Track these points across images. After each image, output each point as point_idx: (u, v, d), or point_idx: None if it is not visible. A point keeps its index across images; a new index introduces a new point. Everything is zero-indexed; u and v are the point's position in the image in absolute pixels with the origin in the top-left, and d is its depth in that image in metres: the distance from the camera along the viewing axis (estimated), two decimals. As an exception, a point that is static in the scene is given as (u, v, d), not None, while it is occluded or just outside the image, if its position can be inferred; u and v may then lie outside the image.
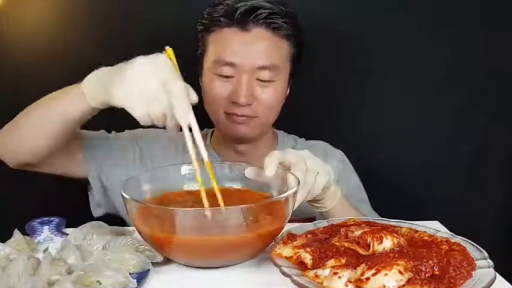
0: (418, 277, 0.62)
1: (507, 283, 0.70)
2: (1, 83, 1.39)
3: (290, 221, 0.79)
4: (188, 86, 0.78)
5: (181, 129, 0.79)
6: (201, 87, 1.10)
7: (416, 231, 0.76)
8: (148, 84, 0.76)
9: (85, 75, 0.91)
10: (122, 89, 0.78)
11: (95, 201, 1.13)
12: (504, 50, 1.40)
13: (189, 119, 0.77)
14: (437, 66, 1.41)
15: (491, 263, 0.67)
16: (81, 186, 1.14)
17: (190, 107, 0.78)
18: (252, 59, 1.03)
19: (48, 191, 1.40)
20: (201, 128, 1.22)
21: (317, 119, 1.42)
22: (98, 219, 1.12)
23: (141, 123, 0.79)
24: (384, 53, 1.40)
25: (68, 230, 0.89)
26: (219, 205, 0.77)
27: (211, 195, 0.78)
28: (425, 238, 0.74)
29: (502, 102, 1.43)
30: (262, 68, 1.04)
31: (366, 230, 0.72)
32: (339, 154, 1.22)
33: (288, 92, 1.14)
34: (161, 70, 0.77)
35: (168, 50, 0.80)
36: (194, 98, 0.78)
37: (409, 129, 1.44)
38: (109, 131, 1.17)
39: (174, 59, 0.80)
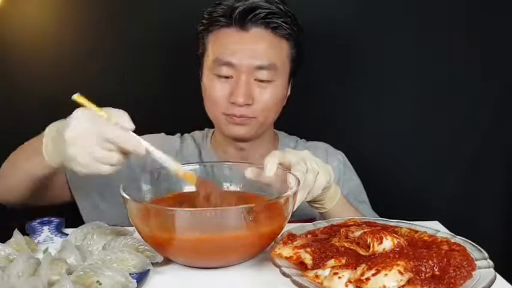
0: (418, 277, 0.62)
1: (507, 283, 0.70)
2: (1, 83, 1.39)
3: (290, 222, 0.79)
4: (119, 114, 0.76)
5: None
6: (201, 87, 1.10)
7: (416, 232, 0.76)
8: (90, 146, 0.74)
9: (85, 76, 0.91)
10: (69, 155, 0.76)
11: (85, 219, 1.10)
12: (504, 50, 1.40)
13: (144, 145, 0.76)
14: (437, 67, 1.41)
15: (491, 263, 0.67)
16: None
17: (135, 136, 0.76)
18: (250, 59, 1.03)
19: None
20: (202, 128, 1.23)
21: (316, 120, 1.42)
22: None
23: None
24: (384, 53, 1.40)
25: (68, 230, 0.89)
26: (218, 205, 0.77)
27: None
28: (425, 238, 0.74)
29: (501, 102, 1.42)
30: (261, 67, 1.03)
31: (366, 230, 0.72)
32: (339, 155, 1.22)
33: (288, 92, 1.14)
34: (92, 126, 0.74)
35: (76, 96, 0.76)
36: (130, 126, 0.76)
37: (409, 129, 1.44)
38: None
39: (85, 101, 0.76)
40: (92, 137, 0.74)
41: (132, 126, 0.76)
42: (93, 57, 1.38)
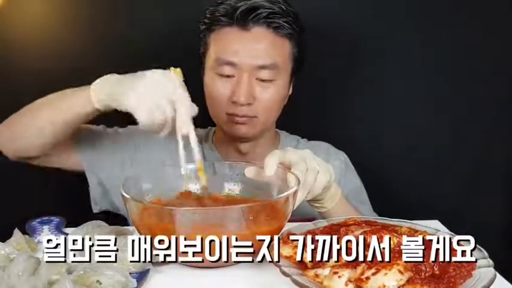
0: (418, 276, 0.62)
1: (507, 282, 0.71)
2: (1, 83, 1.39)
3: (290, 221, 0.79)
4: (190, 100, 0.86)
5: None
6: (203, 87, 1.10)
7: (417, 231, 0.76)
8: (156, 93, 0.84)
9: (85, 76, 0.92)
10: (131, 96, 0.85)
11: (91, 196, 1.13)
12: (505, 51, 1.39)
13: (187, 130, 0.85)
14: (438, 67, 1.41)
15: (491, 262, 0.67)
16: (82, 185, 1.13)
17: (191, 119, 0.86)
18: (251, 58, 1.03)
19: (48, 190, 1.40)
20: (205, 126, 1.24)
21: (317, 120, 1.42)
22: (100, 215, 1.12)
23: (142, 128, 0.85)
24: (385, 54, 1.41)
25: (68, 230, 0.89)
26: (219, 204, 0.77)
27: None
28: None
29: (502, 103, 1.42)
30: (262, 67, 1.04)
31: (366, 229, 0.72)
32: (341, 155, 1.22)
33: (290, 91, 1.13)
34: (168, 82, 0.85)
35: (176, 69, 0.88)
36: (195, 110, 0.86)
37: (409, 129, 1.44)
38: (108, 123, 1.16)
39: (180, 77, 0.88)
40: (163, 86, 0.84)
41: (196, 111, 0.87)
42: (94, 56, 1.37)
